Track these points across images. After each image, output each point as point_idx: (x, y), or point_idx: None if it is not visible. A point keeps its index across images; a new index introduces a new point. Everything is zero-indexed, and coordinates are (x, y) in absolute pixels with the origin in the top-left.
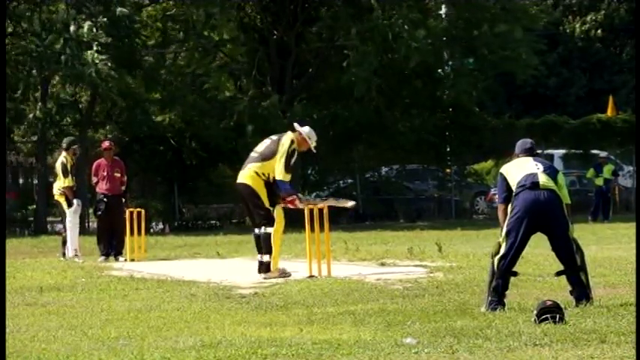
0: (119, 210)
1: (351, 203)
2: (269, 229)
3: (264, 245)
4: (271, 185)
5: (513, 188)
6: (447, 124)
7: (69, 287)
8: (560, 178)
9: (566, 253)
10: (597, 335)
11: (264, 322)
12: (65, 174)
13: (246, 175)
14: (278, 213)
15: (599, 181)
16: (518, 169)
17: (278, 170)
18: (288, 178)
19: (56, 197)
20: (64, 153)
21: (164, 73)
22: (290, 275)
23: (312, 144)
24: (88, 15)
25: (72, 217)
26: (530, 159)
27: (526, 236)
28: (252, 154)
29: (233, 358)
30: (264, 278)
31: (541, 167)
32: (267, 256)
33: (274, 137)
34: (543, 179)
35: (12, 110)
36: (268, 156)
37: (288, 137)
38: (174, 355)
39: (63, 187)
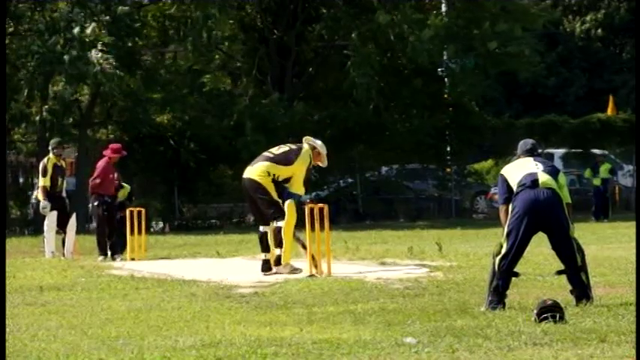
0: (117, 211)
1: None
2: (280, 223)
3: (275, 239)
4: (278, 183)
5: (514, 189)
6: (447, 123)
7: (69, 287)
8: (561, 177)
9: (567, 252)
10: (597, 335)
11: (264, 322)
12: (44, 173)
13: (255, 171)
14: (290, 206)
15: (597, 181)
16: (519, 169)
17: (296, 184)
18: (302, 192)
19: (38, 196)
20: (49, 154)
21: (164, 73)
22: (301, 271)
23: (324, 158)
24: (90, 14)
25: (49, 219)
26: (530, 159)
27: (527, 236)
28: (266, 154)
29: (233, 358)
30: (276, 271)
31: (541, 167)
32: (279, 249)
33: (293, 147)
34: (543, 178)
35: (14, 111)
36: (283, 162)
37: (307, 153)
38: (174, 354)
39: (40, 186)
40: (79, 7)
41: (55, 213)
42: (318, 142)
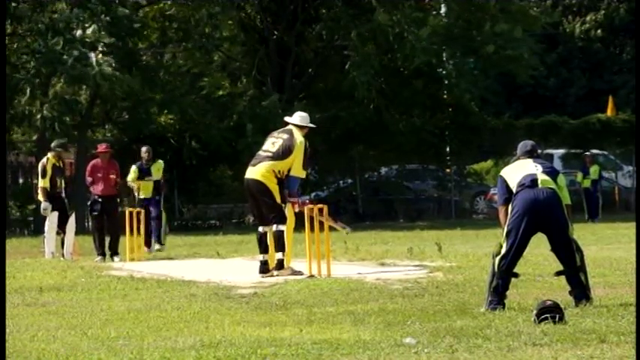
0: (114, 210)
1: (347, 230)
2: (281, 227)
3: (277, 243)
4: (282, 184)
5: (513, 190)
6: (447, 124)
7: (69, 287)
8: (561, 179)
9: (566, 253)
10: (597, 335)
11: (264, 322)
12: (43, 175)
13: (260, 172)
14: (289, 210)
15: (587, 182)
16: (518, 170)
17: (297, 168)
18: (304, 174)
19: (39, 197)
20: (49, 154)
21: (163, 74)
22: (302, 274)
23: (308, 121)
24: (90, 15)
25: (50, 219)
26: (530, 161)
27: (527, 235)
28: (263, 153)
29: (233, 358)
30: (277, 275)
31: (540, 168)
32: (280, 253)
33: (284, 135)
34: (543, 179)
35: (14, 111)
36: (282, 155)
37: (300, 136)
38: (174, 355)
39: (40, 187)
40: (79, 8)
41: (55, 214)
42: (296, 119)
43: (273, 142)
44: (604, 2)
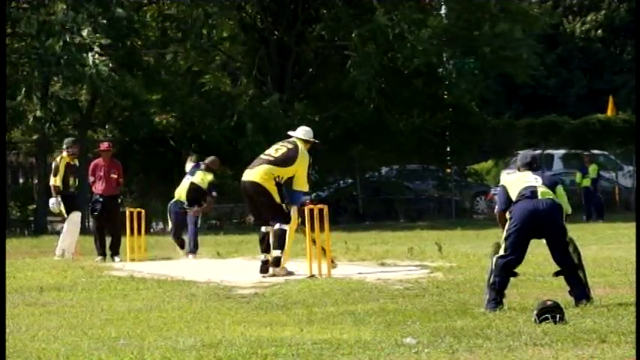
0: (115, 210)
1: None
2: (284, 226)
3: (277, 241)
4: (281, 185)
5: (513, 199)
6: (447, 124)
7: (69, 287)
8: (559, 189)
9: (562, 255)
10: (597, 335)
11: (264, 322)
12: (55, 173)
13: (258, 174)
14: (293, 211)
15: (586, 182)
16: (519, 182)
17: (300, 182)
18: (306, 188)
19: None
20: (63, 153)
21: (164, 73)
22: (293, 274)
23: (312, 136)
24: (87, 16)
25: (73, 219)
26: (529, 173)
27: (526, 244)
28: (265, 157)
29: (233, 358)
30: (273, 273)
31: (540, 180)
32: (279, 251)
33: (289, 145)
34: (542, 190)
35: (11, 110)
36: (284, 163)
37: (304, 148)
38: (174, 355)
39: (51, 185)
40: (75, 10)
41: (79, 214)
42: (300, 132)
43: (276, 149)
44: (604, 2)
